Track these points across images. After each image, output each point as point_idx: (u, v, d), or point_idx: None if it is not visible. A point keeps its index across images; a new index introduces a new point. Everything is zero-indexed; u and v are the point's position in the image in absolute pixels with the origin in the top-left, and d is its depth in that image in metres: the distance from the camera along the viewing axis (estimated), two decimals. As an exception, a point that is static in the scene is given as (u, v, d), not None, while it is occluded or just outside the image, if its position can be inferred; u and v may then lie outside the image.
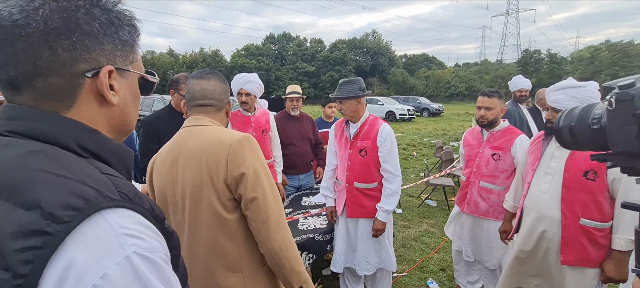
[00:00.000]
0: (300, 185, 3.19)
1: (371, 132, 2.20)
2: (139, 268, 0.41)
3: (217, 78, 1.21)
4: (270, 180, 1.10)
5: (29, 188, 0.40)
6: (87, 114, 0.51)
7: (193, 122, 1.16)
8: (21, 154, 0.43)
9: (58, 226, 0.38)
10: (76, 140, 0.48)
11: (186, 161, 1.09)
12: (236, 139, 1.06)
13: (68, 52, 0.47)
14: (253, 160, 1.06)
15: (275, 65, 44.27)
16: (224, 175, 1.04)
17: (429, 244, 3.66)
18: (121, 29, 0.53)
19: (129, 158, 0.57)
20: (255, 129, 2.68)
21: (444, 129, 14.96)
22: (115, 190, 0.45)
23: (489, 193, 2.31)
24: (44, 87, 0.47)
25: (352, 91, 2.13)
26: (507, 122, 2.35)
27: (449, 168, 5.46)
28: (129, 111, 0.58)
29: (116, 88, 0.53)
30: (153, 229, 0.47)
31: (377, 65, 48.94)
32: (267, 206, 1.05)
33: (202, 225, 1.08)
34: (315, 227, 2.40)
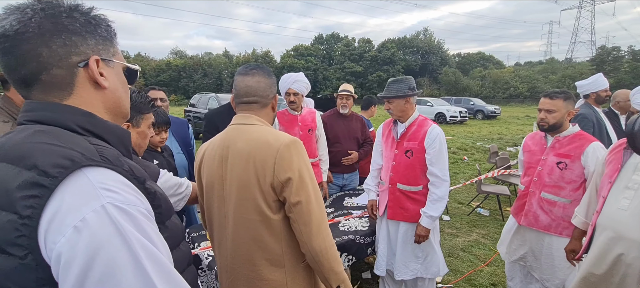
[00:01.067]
0: (344, 185, 3.17)
1: (419, 133, 2.10)
2: (113, 216, 0.50)
3: (261, 73, 1.21)
4: (314, 183, 1.12)
5: (30, 155, 0.52)
6: (86, 98, 0.63)
7: (241, 120, 1.19)
8: (29, 133, 0.56)
9: (50, 180, 0.50)
10: (76, 122, 0.61)
11: (235, 159, 1.13)
12: (284, 143, 1.07)
13: (62, 48, 0.59)
14: (299, 165, 1.08)
15: (323, 65, 44.67)
16: (271, 179, 1.07)
17: (479, 256, 3.41)
18: (98, 27, 0.65)
19: (125, 137, 0.69)
20: (301, 127, 2.71)
21: (500, 132, 13.88)
22: (98, 154, 0.56)
23: (551, 206, 2.08)
24: (49, 79, 0.60)
25: (400, 90, 2.05)
26: (577, 126, 2.09)
27: (500, 171, 5.04)
28: (120, 95, 0.70)
29: (105, 74, 0.65)
30: (132, 187, 0.57)
31: (428, 64, 46.99)
32: (310, 210, 1.08)
33: (247, 221, 1.13)
34: (356, 229, 2.36)
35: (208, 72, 40.42)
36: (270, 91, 1.23)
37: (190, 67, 40.56)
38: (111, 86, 0.67)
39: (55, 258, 0.48)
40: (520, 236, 2.27)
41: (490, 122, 18.85)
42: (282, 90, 2.64)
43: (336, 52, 46.59)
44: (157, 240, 0.56)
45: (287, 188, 1.06)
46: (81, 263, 0.47)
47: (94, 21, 0.64)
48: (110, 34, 0.68)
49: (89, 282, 0.47)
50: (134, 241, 0.51)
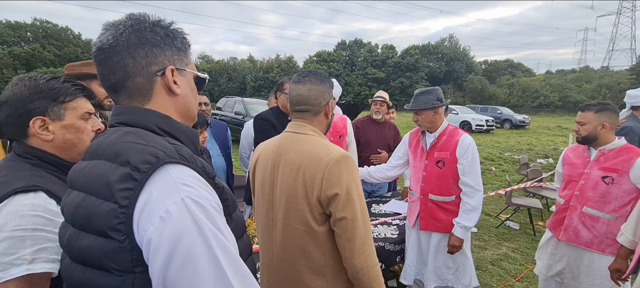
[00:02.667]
0: (373, 191, 3.17)
1: (450, 143, 2.07)
2: (191, 209, 0.57)
3: (313, 81, 1.20)
4: (362, 200, 1.12)
5: (124, 153, 0.61)
6: (161, 103, 0.72)
7: (295, 129, 1.22)
8: (121, 134, 0.65)
9: (140, 175, 0.58)
10: (155, 123, 0.69)
11: (285, 168, 1.16)
12: (334, 158, 1.08)
13: (144, 58, 0.68)
14: (348, 181, 1.08)
15: (345, 71, 44.71)
16: (318, 193, 1.08)
17: (509, 270, 3.29)
18: (175, 39, 0.73)
19: (194, 136, 0.76)
20: (332, 133, 2.73)
21: (530, 143, 13.33)
22: (176, 153, 0.63)
23: (594, 221, 1.98)
24: (133, 86, 0.68)
25: (428, 102, 2.04)
26: (624, 139, 1.99)
27: (532, 183, 4.83)
28: (190, 101, 0.77)
29: (178, 82, 0.73)
30: (204, 182, 0.64)
31: (453, 71, 45.98)
32: (355, 227, 1.08)
33: (293, 230, 1.16)
34: (385, 236, 2.35)
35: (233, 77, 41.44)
36: (323, 98, 1.21)
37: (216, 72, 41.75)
38: (183, 93, 0.75)
39: (146, 243, 0.56)
40: (557, 251, 2.18)
41: (519, 132, 18.16)
42: None
43: (359, 58, 46.51)
44: (226, 230, 0.62)
45: (334, 203, 1.07)
46: (166, 249, 0.55)
47: (172, 34, 0.72)
48: (185, 45, 0.76)
49: (173, 266, 0.55)
50: (208, 231, 0.57)
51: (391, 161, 2.41)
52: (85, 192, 0.63)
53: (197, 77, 0.80)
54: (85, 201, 0.62)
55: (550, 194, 4.65)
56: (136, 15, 0.69)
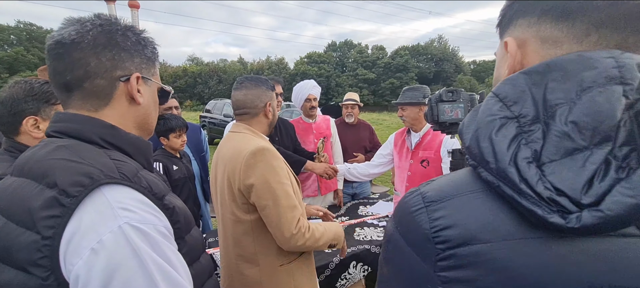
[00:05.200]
0: (355, 193, 3.16)
1: (434, 142, 2.08)
2: (130, 237, 0.50)
3: (248, 86, 1.29)
4: (285, 188, 1.16)
5: (52, 173, 0.53)
6: (119, 110, 0.66)
7: (233, 129, 1.32)
8: (52, 149, 0.57)
9: (69, 199, 0.50)
10: (98, 134, 0.62)
11: (219, 165, 1.27)
12: (249, 150, 1.14)
13: (110, 61, 0.63)
14: (263, 171, 1.13)
15: (336, 72, 44.87)
16: (239, 184, 1.15)
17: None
18: (146, 48, 0.70)
19: (146, 149, 0.70)
20: (316, 135, 2.72)
21: (518, 142, 13.48)
22: (117, 171, 0.56)
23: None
24: (91, 88, 0.62)
25: (414, 97, 2.05)
26: None
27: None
28: (150, 113, 0.73)
29: (141, 91, 0.68)
30: (149, 204, 0.57)
31: (442, 72, 46.58)
32: (279, 212, 1.12)
33: (227, 221, 1.25)
34: (371, 239, 2.34)
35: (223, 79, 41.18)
36: (260, 100, 1.30)
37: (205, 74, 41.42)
38: (145, 103, 0.70)
39: (74, 279, 0.49)
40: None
41: (507, 131, 18.34)
42: (301, 98, 2.65)
43: (349, 59, 46.75)
44: (174, 259, 0.56)
45: (253, 193, 1.13)
46: (98, 286, 0.48)
47: (143, 42, 0.70)
48: (154, 55, 0.73)
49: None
50: (150, 262, 0.51)
51: (375, 159, 2.40)
52: (5, 217, 0.55)
53: (161, 89, 0.76)
54: (5, 229, 0.53)
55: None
56: (106, 16, 0.65)
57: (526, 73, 0.42)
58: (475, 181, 0.43)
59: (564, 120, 0.37)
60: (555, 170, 0.36)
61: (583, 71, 0.38)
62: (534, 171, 0.36)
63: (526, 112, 0.39)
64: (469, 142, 0.44)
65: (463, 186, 0.44)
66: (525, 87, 0.41)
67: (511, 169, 0.37)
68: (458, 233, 0.40)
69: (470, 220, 0.40)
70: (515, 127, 0.39)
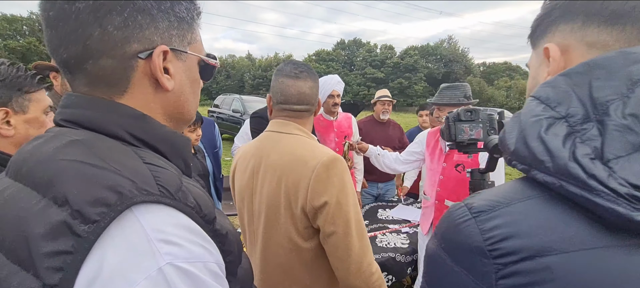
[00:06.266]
0: (379, 194, 3.03)
1: None
2: (173, 284, 0.34)
3: (313, 77, 1.06)
4: (356, 210, 0.94)
5: (62, 182, 0.36)
6: (142, 100, 0.47)
7: (278, 127, 1.03)
8: (60, 145, 0.40)
9: (87, 227, 0.33)
10: (124, 127, 0.44)
11: (266, 174, 0.98)
12: (321, 161, 0.90)
13: (119, 30, 0.43)
14: (338, 188, 0.90)
15: (344, 70, 44.66)
16: (303, 202, 0.90)
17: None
18: (177, 4, 0.48)
19: (184, 147, 0.51)
20: (337, 134, 2.58)
21: (530, 146, 13.24)
22: (154, 182, 0.39)
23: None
24: (96, 71, 0.44)
25: (454, 97, 1.88)
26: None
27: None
28: (187, 98, 0.52)
29: (172, 71, 0.48)
30: (198, 232, 0.40)
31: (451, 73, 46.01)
32: (349, 243, 0.90)
33: (276, 246, 0.99)
34: (396, 246, 2.19)
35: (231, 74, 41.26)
36: (317, 96, 1.09)
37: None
38: (177, 86, 0.50)
39: None
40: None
41: (518, 135, 18.06)
42: (324, 94, 2.51)
43: (358, 57, 46.48)
44: None
45: (322, 215, 0.89)
46: None
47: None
48: (192, 13, 0.51)
49: None
50: None
51: (403, 155, 2.24)
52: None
53: (202, 62, 0.54)
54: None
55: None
56: None
57: (566, 75, 0.41)
58: (528, 187, 0.39)
59: (620, 115, 0.34)
60: (624, 166, 0.33)
61: (629, 66, 0.37)
62: (601, 167, 0.33)
63: (574, 112, 0.37)
64: (514, 146, 0.40)
65: (514, 194, 0.39)
66: (568, 88, 0.39)
67: (573, 165, 0.34)
68: (522, 244, 0.35)
69: (536, 228, 0.35)
70: (566, 127, 0.37)
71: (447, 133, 1.20)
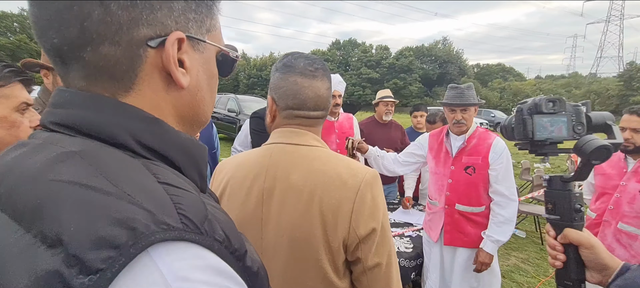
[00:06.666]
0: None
1: (481, 147, 1.87)
2: None
3: (328, 76, 0.89)
4: (391, 233, 0.83)
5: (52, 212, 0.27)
6: (151, 98, 0.38)
7: (292, 139, 0.83)
8: (51, 158, 0.31)
9: (88, 279, 0.24)
10: (133, 133, 0.35)
11: (286, 198, 0.77)
12: (364, 180, 0.75)
13: (125, 11, 0.34)
14: (384, 211, 0.78)
15: (339, 70, 44.53)
16: (345, 232, 0.73)
17: (522, 284, 3.12)
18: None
19: (202, 157, 0.43)
20: (338, 135, 2.52)
21: (525, 147, 13.34)
22: (175, 211, 0.30)
23: (632, 239, 1.80)
24: (95, 60, 0.35)
25: (474, 98, 1.84)
26: (667, 149, 1.81)
27: (540, 191, 4.70)
28: (203, 96, 0.44)
29: (187, 65, 0.39)
30: (229, 274, 0.32)
31: (446, 74, 46.28)
32: (390, 276, 0.77)
33: None
34: (399, 250, 2.14)
35: (225, 73, 40.94)
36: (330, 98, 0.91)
37: (208, 68, 41.26)
38: (193, 83, 0.41)
39: None
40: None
41: (512, 136, 18.21)
42: None
43: (353, 58, 46.47)
44: None
45: (367, 244, 0.74)
46: None
47: None
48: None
49: None
50: None
51: (402, 157, 2.14)
52: None
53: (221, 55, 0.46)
54: None
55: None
56: None
57: None
58: None
59: None
60: None
61: None
62: None
63: None
64: None
65: None
66: None
67: None
68: None
69: None
70: None
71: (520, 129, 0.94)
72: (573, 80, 46.78)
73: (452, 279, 1.96)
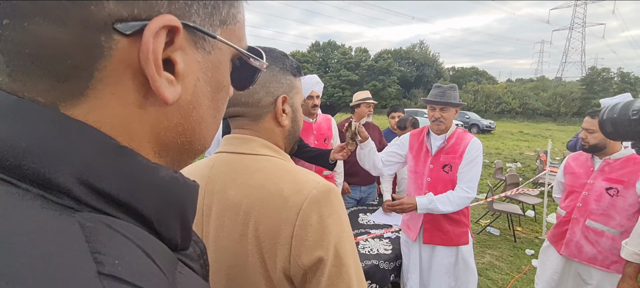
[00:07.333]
0: (362, 198, 2.96)
1: (458, 146, 1.90)
2: None
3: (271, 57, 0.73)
4: (356, 260, 0.63)
5: None
6: (115, 113, 0.25)
7: (235, 146, 0.69)
8: None
9: None
10: (80, 171, 0.22)
11: (223, 218, 0.64)
12: (309, 197, 0.59)
13: None
14: (337, 233, 0.60)
15: (319, 72, 44.67)
16: (284, 261, 0.59)
17: (496, 281, 3.20)
18: None
19: (190, 201, 0.30)
20: (317, 136, 2.48)
21: (497, 147, 13.86)
22: None
23: (598, 236, 1.87)
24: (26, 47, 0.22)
25: (456, 98, 1.87)
26: (630, 149, 1.90)
27: (513, 191, 4.87)
28: (202, 116, 0.31)
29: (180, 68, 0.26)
30: None
31: (423, 76, 47.42)
32: None
33: None
34: (379, 253, 2.12)
35: (203, 74, 40.04)
36: (266, 91, 0.69)
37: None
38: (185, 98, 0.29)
39: None
40: (559, 267, 2.06)
41: (486, 137, 18.90)
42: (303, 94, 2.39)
43: (333, 60, 46.71)
44: None
45: (314, 277, 0.59)
46: None
47: None
48: None
49: None
50: None
51: (384, 156, 2.12)
52: None
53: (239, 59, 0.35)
54: None
55: (527, 199, 4.70)
56: None
57: None
58: None
59: None
60: None
61: None
62: None
63: None
64: None
65: None
66: None
67: None
68: None
69: None
70: None
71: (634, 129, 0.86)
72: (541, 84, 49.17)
73: (430, 279, 1.97)
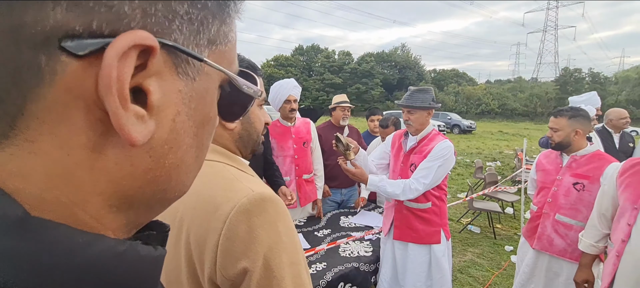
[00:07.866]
0: (343, 201, 2.96)
1: (426, 147, 1.94)
2: None
3: None
4: (297, 274, 0.57)
5: None
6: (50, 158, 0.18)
7: None
8: None
9: None
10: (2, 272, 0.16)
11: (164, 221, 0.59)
12: (238, 206, 0.56)
13: None
14: (267, 245, 0.56)
15: (303, 75, 44.74)
16: (211, 272, 0.56)
17: (478, 278, 3.26)
18: None
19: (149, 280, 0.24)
20: (295, 140, 2.47)
21: (478, 147, 14.22)
22: None
23: (567, 229, 1.95)
24: None
25: (425, 101, 1.89)
26: (595, 145, 1.99)
27: (491, 188, 5.00)
28: (181, 158, 0.24)
29: (154, 99, 0.20)
30: None
31: (405, 79, 48.22)
32: None
33: None
34: (359, 255, 2.12)
35: (185, 79, 39.32)
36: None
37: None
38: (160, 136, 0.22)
39: None
40: (531, 261, 2.13)
41: (467, 137, 19.37)
42: (280, 99, 2.38)
43: (316, 63, 46.90)
44: None
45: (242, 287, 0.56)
46: None
47: None
48: None
49: None
50: None
51: (375, 159, 2.19)
52: None
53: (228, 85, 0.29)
54: None
55: (505, 197, 4.82)
56: None
57: None
58: None
59: None
60: None
61: None
62: None
63: None
64: None
65: None
66: None
67: None
68: None
69: None
70: None
71: None
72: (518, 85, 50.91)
73: (406, 277, 1.99)
